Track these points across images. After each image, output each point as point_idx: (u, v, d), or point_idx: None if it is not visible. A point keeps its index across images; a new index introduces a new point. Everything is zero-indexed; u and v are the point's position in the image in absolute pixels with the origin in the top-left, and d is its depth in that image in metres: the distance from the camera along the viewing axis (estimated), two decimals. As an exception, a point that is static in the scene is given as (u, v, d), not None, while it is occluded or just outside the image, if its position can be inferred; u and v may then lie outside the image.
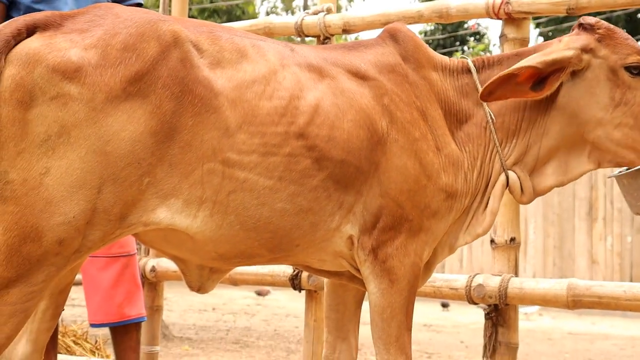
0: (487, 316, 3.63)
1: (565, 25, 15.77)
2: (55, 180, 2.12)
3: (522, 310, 10.82)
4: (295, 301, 11.75)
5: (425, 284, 2.80)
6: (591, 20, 2.62)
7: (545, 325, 10.12)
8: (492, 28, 24.94)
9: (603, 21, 2.62)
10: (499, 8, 3.64)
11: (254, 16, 19.76)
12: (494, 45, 23.60)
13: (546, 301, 3.52)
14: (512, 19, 3.66)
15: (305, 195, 2.38)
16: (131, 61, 2.18)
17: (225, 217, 2.31)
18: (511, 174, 2.65)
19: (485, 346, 3.63)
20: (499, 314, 3.60)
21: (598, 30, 2.60)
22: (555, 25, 16.29)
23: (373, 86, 2.54)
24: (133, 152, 2.17)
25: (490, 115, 2.64)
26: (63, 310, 2.61)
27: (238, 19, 17.87)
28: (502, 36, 3.71)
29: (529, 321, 10.61)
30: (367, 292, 2.58)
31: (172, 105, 2.21)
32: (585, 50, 2.58)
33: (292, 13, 24.56)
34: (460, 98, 2.67)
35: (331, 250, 2.52)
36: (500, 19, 3.69)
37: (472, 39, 23.85)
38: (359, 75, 2.54)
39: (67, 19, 2.24)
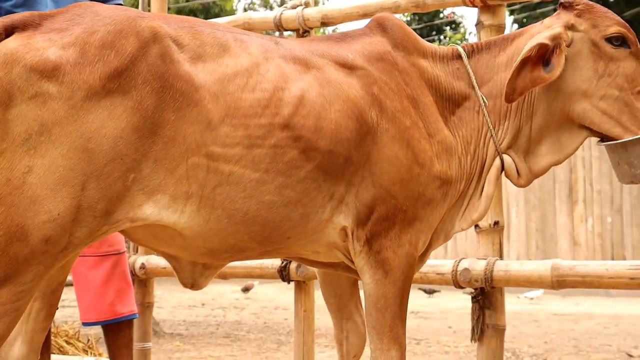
0: (474, 299, 3.64)
1: (539, 11, 15.82)
2: (39, 178, 2.11)
3: (528, 294, 10.87)
4: (283, 294, 11.76)
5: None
6: None
7: (530, 307, 10.18)
8: (468, 17, 24.95)
9: None
10: (475, -4, 3.67)
11: (232, 13, 19.71)
12: (470, 33, 23.64)
13: (531, 282, 3.54)
14: (487, 7, 3.68)
15: (294, 187, 2.37)
16: (110, 58, 2.18)
17: (213, 211, 2.30)
18: (506, 157, 2.64)
19: (473, 329, 3.63)
20: (486, 297, 3.62)
21: (577, 7, 2.60)
22: (529, 11, 16.33)
23: (361, 76, 2.52)
24: (115, 148, 2.16)
25: (482, 98, 2.63)
26: (57, 309, 2.61)
27: (216, 16, 17.79)
28: (479, 23, 3.72)
29: (534, 304, 10.66)
30: (362, 282, 2.57)
31: (153, 100, 2.20)
32: (567, 26, 2.58)
33: (271, 9, 24.55)
34: (452, 83, 2.65)
35: (324, 242, 2.51)
36: (476, 6, 3.70)
37: (448, 28, 23.90)
38: (347, 66, 2.52)
39: (46, 19, 2.23)
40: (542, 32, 2.58)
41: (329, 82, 2.45)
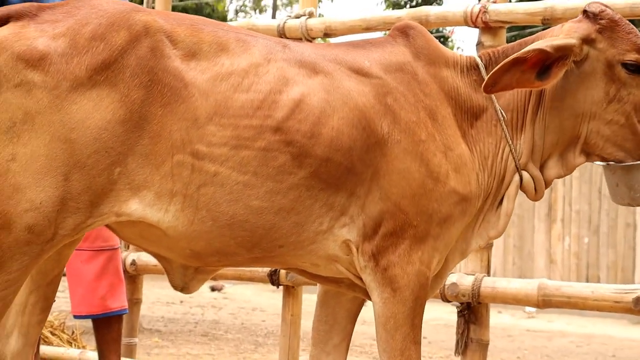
0: (460, 314, 3.66)
1: (528, 31, 15.90)
2: (21, 166, 2.12)
3: (527, 309, 10.92)
4: (260, 295, 11.74)
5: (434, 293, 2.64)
6: (596, 8, 2.48)
7: (504, 322, 10.23)
8: (459, 34, 25.03)
9: (609, 10, 2.49)
10: (477, 17, 3.69)
11: (223, 14, 19.68)
12: (458, 48, 23.73)
13: (517, 300, 3.58)
14: (489, 28, 3.70)
15: (285, 194, 2.29)
16: (98, 50, 2.18)
17: (197, 212, 2.26)
18: (525, 174, 2.53)
19: (457, 342, 3.66)
20: (472, 312, 3.65)
21: (600, 21, 2.46)
22: (517, 31, 16.42)
23: (376, 85, 2.42)
24: (100, 140, 2.16)
25: (501, 112, 2.53)
26: (54, 302, 2.61)
27: (207, 17, 17.77)
28: (479, 44, 3.75)
29: (531, 319, 10.71)
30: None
31: (141, 94, 2.19)
32: (585, 40, 2.45)
33: (261, 12, 24.50)
34: (471, 95, 2.53)
35: (323, 254, 2.41)
36: (478, 27, 3.73)
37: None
38: (361, 73, 2.43)
39: (44, 10, 2.24)
40: (556, 37, 2.46)
41: (336, 88, 2.37)
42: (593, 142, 2.53)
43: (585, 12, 2.50)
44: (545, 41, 2.43)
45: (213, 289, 12.13)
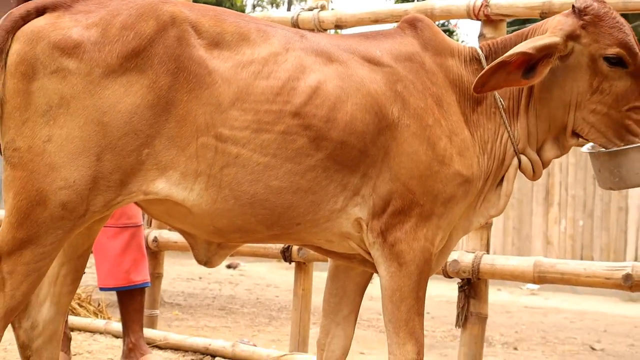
0: (460, 289, 3.69)
1: (526, 26, 15.82)
2: (57, 147, 2.15)
3: (529, 286, 10.94)
4: (274, 273, 11.77)
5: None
6: (582, 4, 2.49)
7: (503, 299, 10.23)
8: (463, 28, 24.97)
9: (595, 5, 2.49)
10: (479, 10, 3.70)
11: (241, 8, 19.64)
12: (462, 42, 23.64)
13: (515, 276, 3.60)
14: (490, 20, 3.71)
15: (303, 174, 2.31)
16: (129, 38, 2.20)
17: (220, 191, 2.28)
18: (523, 157, 2.56)
19: (458, 316, 3.69)
20: (472, 287, 3.67)
21: (585, 17, 2.47)
22: (518, 25, 16.36)
23: (387, 72, 2.43)
24: (130, 123, 2.19)
25: (500, 100, 2.55)
26: (84, 274, 2.63)
27: (226, 10, 17.72)
28: (481, 35, 3.76)
29: (534, 296, 10.72)
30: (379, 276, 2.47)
31: (168, 80, 2.21)
32: (570, 36, 2.47)
33: (277, 6, 24.46)
34: (473, 83, 2.47)
35: (337, 231, 2.43)
36: (480, 19, 3.74)
37: (441, 35, 23.83)
38: (374, 62, 2.44)
39: (77, 2, 2.27)
40: (541, 35, 2.48)
41: (350, 76, 2.38)
42: (579, 128, 2.56)
43: (573, 7, 2.52)
44: (528, 43, 2.43)
45: (229, 266, 12.16)
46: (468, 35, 30.69)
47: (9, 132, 2.17)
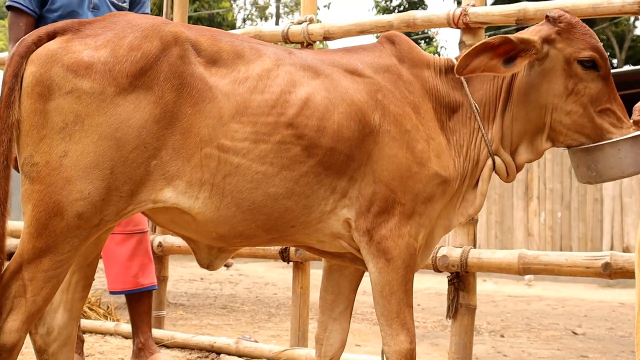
0: (450, 282, 3.71)
1: (502, 30, 15.87)
2: (73, 162, 2.17)
3: (527, 277, 10.97)
4: (272, 272, 11.77)
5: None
6: (555, 13, 2.57)
7: (488, 289, 10.26)
8: (442, 34, 25.03)
9: (567, 15, 2.57)
10: (458, 19, 3.71)
11: (232, 22, 19.64)
12: (441, 47, 23.71)
13: (501, 269, 3.61)
14: (469, 28, 3.73)
15: (297, 180, 2.34)
16: (136, 58, 2.22)
17: (223, 199, 2.30)
18: (497, 158, 2.60)
19: (448, 307, 3.70)
20: (460, 280, 3.69)
21: (559, 24, 2.54)
22: (494, 30, 16.40)
23: (368, 83, 2.48)
24: (139, 137, 2.20)
25: (475, 106, 2.59)
26: (93, 280, 2.64)
27: (219, 25, 17.79)
28: (461, 42, 3.77)
29: (529, 287, 10.74)
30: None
31: (172, 96, 2.23)
32: (545, 40, 2.53)
33: (266, 20, 24.44)
34: (449, 92, 2.60)
35: (328, 232, 2.46)
36: (459, 28, 3.76)
37: (422, 42, 23.93)
38: (356, 73, 2.49)
39: (85, 25, 2.29)
40: (521, 32, 2.54)
41: (335, 88, 2.42)
42: (557, 129, 2.59)
43: (547, 16, 2.59)
44: (512, 35, 2.50)
45: (225, 265, 12.17)
46: (447, 41, 30.80)
47: (27, 149, 2.18)
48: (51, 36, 2.25)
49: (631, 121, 2.61)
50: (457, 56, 2.68)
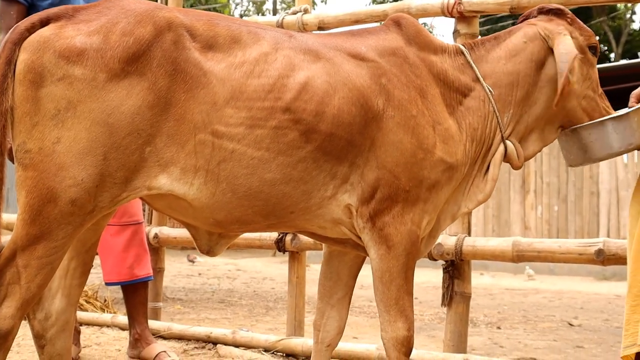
0: (445, 270, 3.71)
1: (500, 25, 15.87)
2: (65, 148, 2.15)
3: (528, 271, 10.97)
4: (269, 267, 11.78)
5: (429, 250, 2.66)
6: (556, 7, 2.61)
7: (485, 282, 10.27)
8: (438, 25, 24.99)
9: (564, 7, 2.67)
10: (453, 7, 3.72)
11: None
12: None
13: (495, 256, 3.62)
14: (463, 17, 3.73)
15: (295, 166, 2.31)
16: (129, 44, 2.20)
17: (218, 185, 2.28)
18: (509, 143, 2.59)
19: (443, 295, 3.70)
20: (455, 268, 3.69)
21: (567, 16, 2.62)
22: (491, 24, 16.41)
23: (371, 67, 2.43)
24: (133, 124, 2.18)
25: (489, 89, 2.57)
26: (92, 267, 2.64)
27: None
28: (455, 32, 3.77)
29: (531, 280, 10.75)
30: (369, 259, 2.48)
31: (166, 82, 2.21)
32: (570, 33, 2.61)
33: (263, 14, 24.41)
34: (459, 76, 2.57)
35: (329, 218, 2.43)
36: (454, 17, 3.75)
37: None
38: (359, 57, 2.44)
39: (79, 11, 2.28)
40: (564, 41, 2.55)
41: (337, 72, 2.38)
42: (574, 114, 2.64)
43: (550, 10, 2.62)
44: (572, 48, 2.53)
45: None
46: (444, 36, 30.80)
47: (20, 136, 2.18)
48: (44, 23, 2.24)
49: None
50: (463, 43, 2.69)
